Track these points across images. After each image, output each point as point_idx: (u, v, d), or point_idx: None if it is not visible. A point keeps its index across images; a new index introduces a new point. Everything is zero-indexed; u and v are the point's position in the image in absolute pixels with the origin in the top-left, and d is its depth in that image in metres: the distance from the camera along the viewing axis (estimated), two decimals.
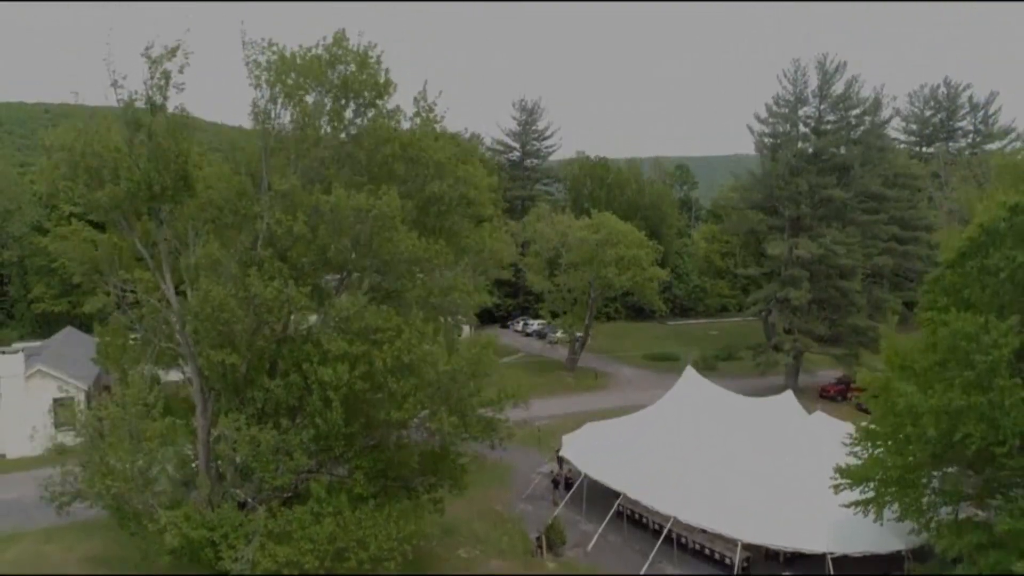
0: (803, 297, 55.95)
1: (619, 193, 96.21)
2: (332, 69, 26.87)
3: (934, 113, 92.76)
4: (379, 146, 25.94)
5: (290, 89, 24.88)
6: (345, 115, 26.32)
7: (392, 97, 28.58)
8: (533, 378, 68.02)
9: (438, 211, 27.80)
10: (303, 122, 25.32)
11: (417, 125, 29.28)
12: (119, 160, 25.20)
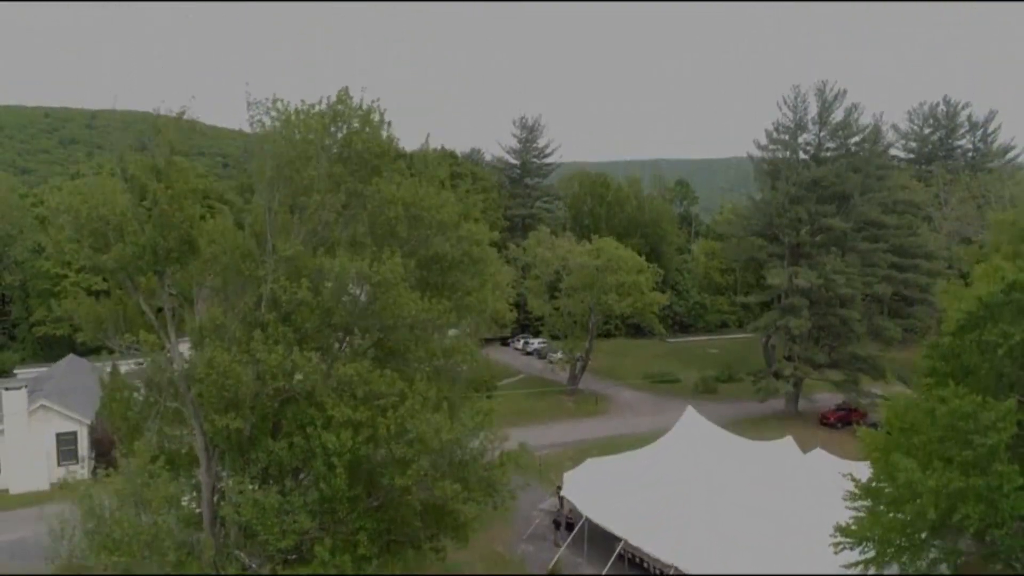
0: (803, 325, 56.15)
1: (619, 210, 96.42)
2: (335, 126, 27.16)
3: (933, 131, 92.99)
4: (382, 208, 26.11)
5: (293, 162, 25.07)
6: (348, 180, 26.48)
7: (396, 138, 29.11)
8: (534, 402, 68.35)
9: (441, 269, 27.98)
10: (307, 186, 25.48)
11: (419, 167, 29.64)
12: (124, 224, 25.37)
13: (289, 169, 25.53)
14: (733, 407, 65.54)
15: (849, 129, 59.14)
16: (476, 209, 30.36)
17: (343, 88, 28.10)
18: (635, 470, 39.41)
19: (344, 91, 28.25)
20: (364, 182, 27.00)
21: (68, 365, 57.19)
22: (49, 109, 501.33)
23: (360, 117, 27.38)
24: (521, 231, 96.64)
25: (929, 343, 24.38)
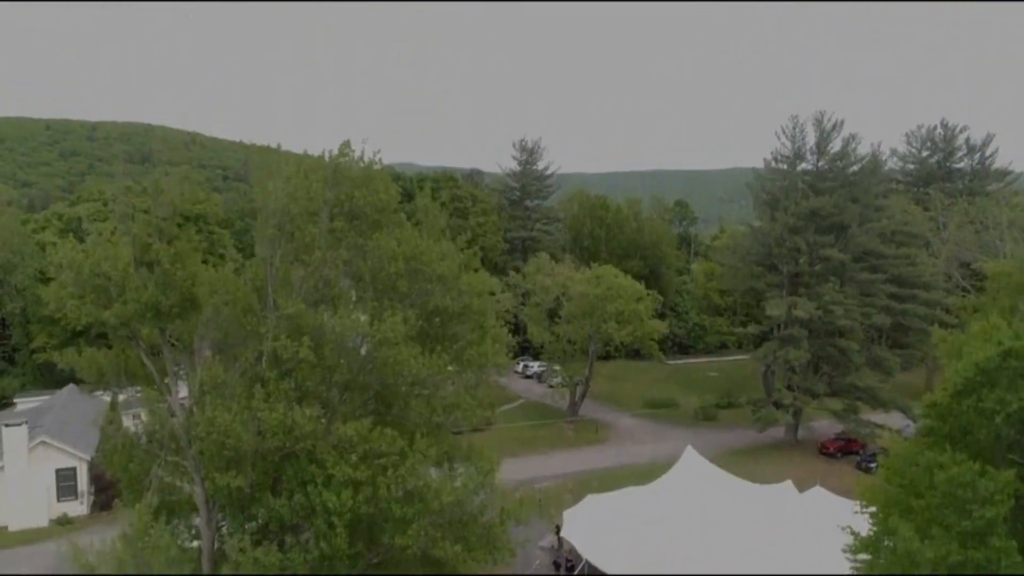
0: (802, 357, 56.25)
1: (618, 232, 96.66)
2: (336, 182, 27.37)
3: (931, 154, 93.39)
4: (383, 263, 26.28)
5: (295, 219, 25.25)
6: (349, 235, 26.67)
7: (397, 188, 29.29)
8: (534, 431, 68.28)
9: (441, 321, 28.13)
10: (308, 244, 25.66)
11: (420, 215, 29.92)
12: (126, 281, 25.53)
13: (291, 226, 25.71)
14: (732, 435, 65.55)
15: (847, 159, 59.42)
16: (476, 259, 30.43)
17: (345, 141, 28.46)
18: (635, 509, 39.39)
19: (346, 144, 28.59)
20: (365, 237, 27.20)
21: (68, 395, 57.14)
22: (51, 121, 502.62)
23: (362, 172, 27.66)
24: (521, 253, 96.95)
25: (926, 401, 24.45)
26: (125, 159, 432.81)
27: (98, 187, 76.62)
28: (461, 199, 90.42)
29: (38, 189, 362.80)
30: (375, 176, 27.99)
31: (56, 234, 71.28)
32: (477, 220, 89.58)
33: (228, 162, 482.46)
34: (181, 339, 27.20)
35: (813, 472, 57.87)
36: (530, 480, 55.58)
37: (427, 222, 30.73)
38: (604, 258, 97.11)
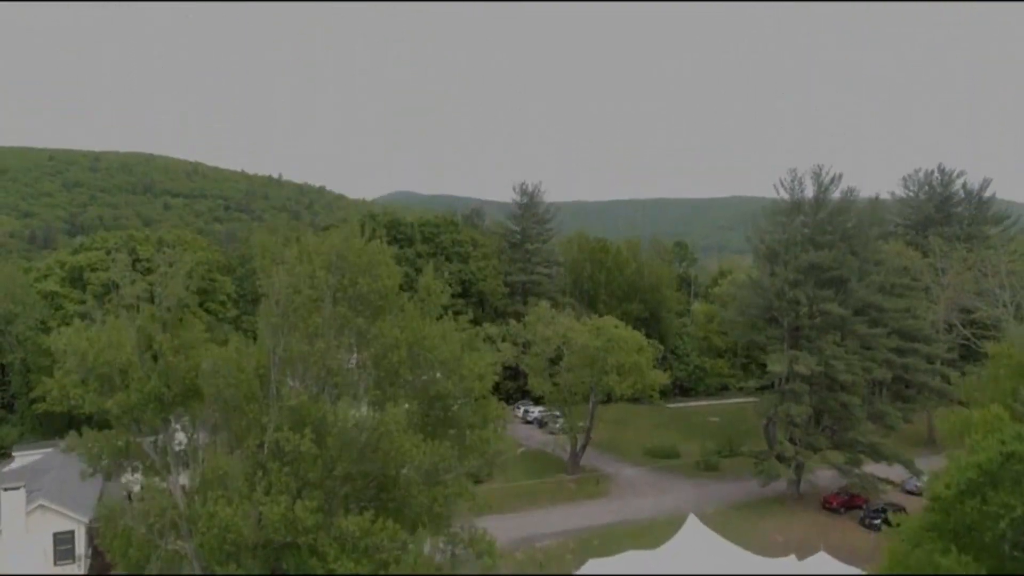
0: (804, 412, 56.15)
1: (618, 275, 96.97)
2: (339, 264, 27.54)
3: (928, 199, 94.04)
4: (386, 351, 26.37)
5: (299, 309, 25.39)
6: (352, 321, 26.80)
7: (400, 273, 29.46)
8: (535, 483, 67.83)
9: (443, 405, 28.15)
10: (312, 333, 25.76)
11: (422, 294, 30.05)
12: (130, 370, 25.63)
13: (295, 316, 25.84)
14: (734, 488, 65.11)
15: (846, 213, 59.81)
16: (478, 339, 30.54)
17: (349, 226, 28.73)
18: None
19: (350, 228, 28.86)
20: (368, 322, 27.32)
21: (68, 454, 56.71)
22: (54, 151, 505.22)
23: (365, 257, 27.88)
24: (521, 296, 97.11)
25: (931, 494, 24.41)
26: (127, 190, 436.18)
27: (101, 236, 76.87)
28: (462, 243, 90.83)
29: (40, 220, 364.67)
30: (377, 260, 28.19)
31: (58, 283, 71.51)
32: (478, 264, 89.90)
33: (229, 192, 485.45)
34: (183, 425, 27.25)
35: (816, 529, 57.51)
36: (531, 537, 55.18)
37: (429, 301, 30.83)
38: (604, 300, 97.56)
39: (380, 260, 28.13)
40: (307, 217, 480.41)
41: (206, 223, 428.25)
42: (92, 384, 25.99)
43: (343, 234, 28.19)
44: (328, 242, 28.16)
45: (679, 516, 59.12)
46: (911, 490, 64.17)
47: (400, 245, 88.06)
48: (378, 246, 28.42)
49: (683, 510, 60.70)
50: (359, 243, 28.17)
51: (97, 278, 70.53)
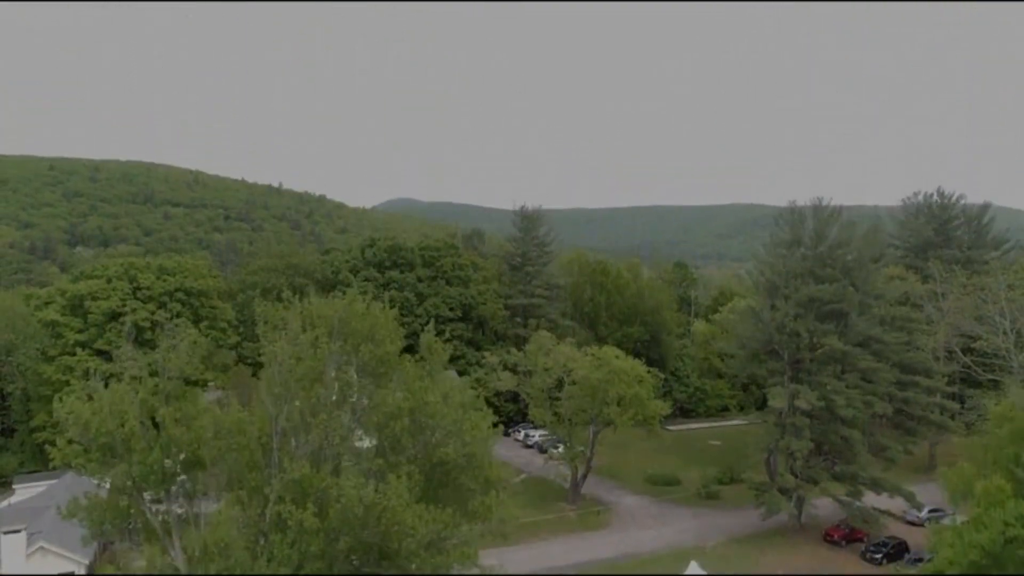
0: (805, 447, 56.17)
1: (619, 298, 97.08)
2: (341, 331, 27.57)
3: (927, 222, 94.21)
4: (388, 421, 26.41)
5: (301, 380, 25.44)
6: (355, 388, 26.86)
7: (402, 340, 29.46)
8: (536, 514, 67.61)
9: (444, 471, 28.17)
10: (315, 404, 25.80)
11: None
12: (132, 441, 25.66)
13: (297, 387, 25.89)
14: (735, 519, 64.90)
15: (847, 247, 59.93)
16: (480, 400, 30.59)
17: (354, 296, 28.81)
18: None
19: (354, 296, 28.94)
20: (370, 387, 27.36)
21: (70, 483, 56.63)
22: (54, 160, 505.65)
23: (367, 323, 27.94)
24: (522, 318, 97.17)
25: (934, 568, 24.44)
26: (127, 200, 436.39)
27: (102, 264, 76.92)
28: (462, 267, 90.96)
29: (39, 231, 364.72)
30: (380, 324, 28.25)
31: (59, 311, 71.50)
32: (478, 288, 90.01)
33: (229, 201, 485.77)
34: (186, 492, 27.25)
35: (818, 563, 57.42)
36: (531, 572, 55.10)
37: (432, 360, 30.89)
38: (605, 322, 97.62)
39: (382, 324, 28.16)
40: (307, 226, 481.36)
41: (206, 233, 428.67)
42: (94, 453, 25.94)
43: (348, 299, 28.23)
44: (331, 306, 28.20)
45: (680, 549, 59.32)
46: (912, 520, 64.17)
47: (401, 270, 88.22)
48: (380, 310, 28.45)
49: (684, 543, 60.83)
50: (361, 308, 28.23)
51: (98, 307, 70.52)
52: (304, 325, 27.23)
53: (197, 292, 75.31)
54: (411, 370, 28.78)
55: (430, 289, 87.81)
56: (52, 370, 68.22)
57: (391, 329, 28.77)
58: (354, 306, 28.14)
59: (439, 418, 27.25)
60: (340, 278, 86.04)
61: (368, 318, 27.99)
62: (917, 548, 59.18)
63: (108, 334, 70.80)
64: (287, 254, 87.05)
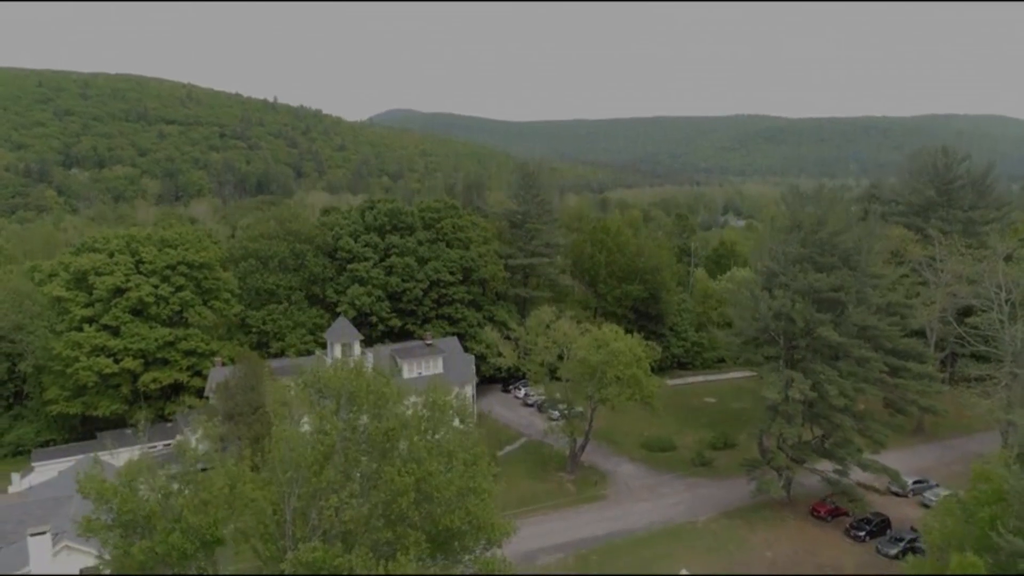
0: (795, 434, 58.07)
1: (619, 256, 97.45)
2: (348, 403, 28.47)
3: (930, 182, 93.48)
4: (395, 498, 27.62)
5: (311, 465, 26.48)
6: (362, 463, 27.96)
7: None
8: (535, 484, 70.37)
9: (449, 534, 29.62)
10: (325, 489, 26.93)
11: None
12: (154, 520, 26.96)
13: (308, 471, 26.97)
14: (726, 491, 67.42)
15: (847, 233, 60.01)
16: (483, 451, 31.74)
17: (359, 364, 29.48)
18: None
19: (360, 363, 29.64)
20: (376, 462, 28.47)
21: (87, 468, 58.74)
22: (42, 73, 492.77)
23: (373, 397, 28.79)
24: (522, 278, 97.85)
25: None
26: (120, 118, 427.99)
27: (102, 235, 77.00)
28: (463, 228, 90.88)
29: (33, 152, 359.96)
30: (384, 396, 29.10)
31: (64, 286, 72.19)
32: (479, 251, 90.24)
33: (224, 118, 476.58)
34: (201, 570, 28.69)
35: (804, 541, 60.22)
36: (532, 553, 57.77)
37: (434, 418, 31.87)
38: (604, 280, 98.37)
39: (387, 395, 29.01)
40: (304, 144, 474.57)
41: (202, 152, 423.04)
42: (117, 529, 27.30)
43: (356, 368, 28.95)
44: (338, 377, 28.97)
45: (674, 526, 62.23)
46: (896, 492, 66.94)
47: (401, 234, 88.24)
48: (384, 382, 29.24)
49: (677, 518, 63.69)
50: (366, 380, 28.99)
51: (102, 283, 71.15)
52: (310, 392, 28.10)
53: (199, 265, 75.73)
54: (416, 439, 29.73)
55: (431, 252, 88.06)
56: (61, 345, 69.53)
57: (395, 395, 29.64)
58: (360, 379, 28.89)
59: (444, 489, 28.47)
60: (341, 244, 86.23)
61: (374, 391, 28.82)
62: (901, 521, 62.06)
63: (114, 310, 71.78)
64: (287, 219, 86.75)
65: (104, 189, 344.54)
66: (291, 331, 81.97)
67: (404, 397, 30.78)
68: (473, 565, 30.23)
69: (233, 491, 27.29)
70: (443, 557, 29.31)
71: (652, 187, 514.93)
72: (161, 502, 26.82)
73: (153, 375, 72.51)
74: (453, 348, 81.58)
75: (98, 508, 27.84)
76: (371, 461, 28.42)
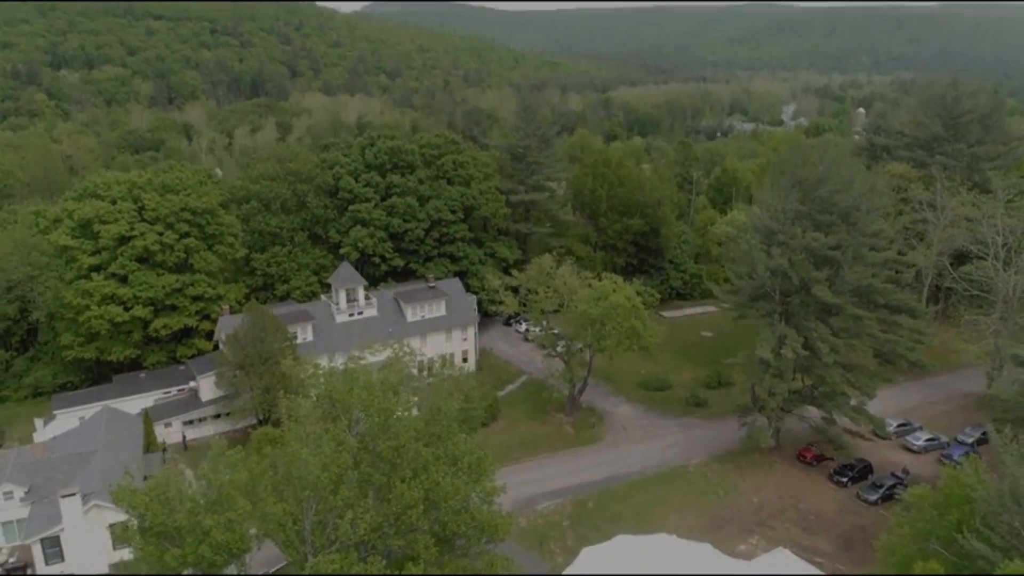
0: (786, 389, 60.38)
1: (620, 190, 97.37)
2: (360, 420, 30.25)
3: (936, 117, 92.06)
4: (405, 510, 29.73)
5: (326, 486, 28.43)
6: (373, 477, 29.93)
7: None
8: (534, 426, 73.39)
9: (453, 535, 32.00)
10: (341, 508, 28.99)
11: None
12: (184, 533, 29.19)
13: (324, 491, 28.93)
14: (718, 434, 70.34)
15: (847, 192, 60.23)
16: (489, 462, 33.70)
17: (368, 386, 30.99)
18: None
19: (368, 382, 31.14)
20: (386, 477, 30.46)
21: (107, 421, 61.33)
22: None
23: (384, 415, 30.48)
24: (523, 213, 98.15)
25: None
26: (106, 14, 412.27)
27: (103, 180, 76.94)
28: (464, 165, 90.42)
29: (20, 52, 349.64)
30: (391, 411, 30.77)
31: (69, 235, 72.88)
32: (479, 188, 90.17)
33: (213, 13, 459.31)
34: None
35: (789, 487, 63.57)
36: (531, 499, 61.14)
37: (437, 422, 33.70)
38: (605, 214, 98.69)
39: (394, 408, 30.65)
40: (298, 40, 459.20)
41: (193, 50, 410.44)
42: (151, 538, 29.53)
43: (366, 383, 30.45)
44: (352, 394, 30.54)
45: (667, 469, 65.54)
46: (878, 435, 70.07)
47: (402, 173, 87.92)
48: (394, 402, 30.79)
49: (671, 461, 66.95)
50: (379, 398, 30.57)
51: (107, 231, 71.83)
52: (327, 428, 29.78)
53: (202, 211, 76.09)
54: (425, 454, 31.49)
55: (431, 190, 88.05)
56: (71, 295, 70.98)
57: (405, 415, 31.31)
58: (373, 399, 30.46)
59: (450, 498, 30.60)
60: (342, 184, 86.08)
61: (385, 409, 30.45)
62: (884, 466, 65.34)
63: (121, 258, 72.79)
64: (287, 158, 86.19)
65: (95, 92, 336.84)
66: (296, 273, 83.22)
67: (408, 408, 32.38)
68: (478, 560, 32.73)
69: (255, 507, 29.41)
70: (448, 552, 31.69)
71: (657, 85, 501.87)
72: (189, 518, 28.85)
73: (163, 321, 74.31)
74: (455, 290, 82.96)
75: (133, 519, 29.92)
76: (381, 474, 30.35)
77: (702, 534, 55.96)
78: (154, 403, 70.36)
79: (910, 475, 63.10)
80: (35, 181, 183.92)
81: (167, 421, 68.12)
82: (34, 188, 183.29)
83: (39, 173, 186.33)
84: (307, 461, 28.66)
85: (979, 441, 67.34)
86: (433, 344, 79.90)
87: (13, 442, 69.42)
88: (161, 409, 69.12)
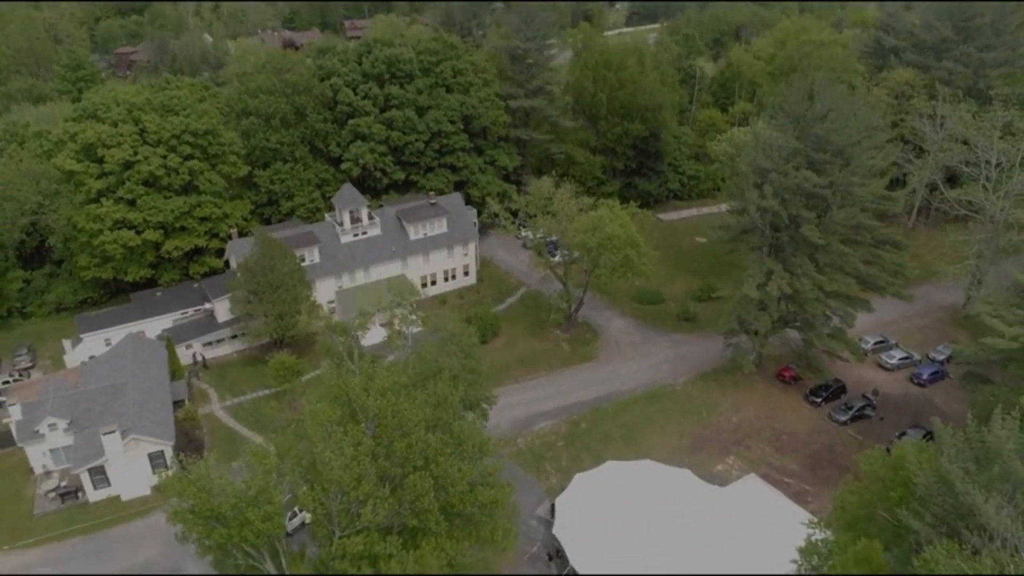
0: (768, 322, 64.07)
1: (621, 93, 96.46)
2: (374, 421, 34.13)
3: (947, 19, 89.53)
4: (418, 499, 34.14)
5: (348, 483, 32.65)
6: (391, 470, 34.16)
7: None
8: (532, 343, 77.65)
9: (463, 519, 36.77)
10: (362, 501, 33.36)
11: None
12: (229, 518, 33.73)
13: (347, 487, 33.18)
14: (705, 352, 74.69)
15: (844, 130, 60.92)
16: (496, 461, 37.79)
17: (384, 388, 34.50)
18: (621, 518, 50.74)
19: (385, 390, 34.66)
20: (400, 469, 34.70)
21: (133, 350, 65.39)
22: None
23: (399, 418, 34.30)
24: (523, 119, 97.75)
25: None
26: None
27: (102, 99, 76.68)
28: (463, 72, 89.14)
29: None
30: (405, 415, 34.59)
31: (74, 159, 73.86)
32: (479, 96, 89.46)
33: None
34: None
35: (768, 407, 68.56)
36: (529, 420, 66.38)
37: (444, 407, 37.58)
38: (606, 118, 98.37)
39: (411, 414, 34.47)
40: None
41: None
42: (199, 523, 34.08)
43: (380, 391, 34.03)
44: (372, 401, 34.23)
45: (655, 388, 70.46)
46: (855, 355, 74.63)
47: (400, 83, 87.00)
48: (410, 407, 34.44)
49: (660, 380, 71.71)
50: (394, 402, 34.26)
51: (111, 156, 72.81)
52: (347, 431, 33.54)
53: (203, 132, 76.52)
54: (433, 442, 35.41)
55: (430, 100, 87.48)
56: (83, 219, 73.11)
57: (418, 413, 35.02)
58: (387, 404, 34.07)
59: (457, 484, 34.96)
60: (340, 96, 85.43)
61: (399, 413, 34.19)
62: (857, 385, 70.17)
63: (128, 183, 74.20)
64: (284, 68, 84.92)
65: None
66: (299, 189, 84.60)
67: (420, 420, 35.93)
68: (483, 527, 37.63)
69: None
70: (456, 521, 36.58)
71: None
72: (233, 509, 33.22)
73: (175, 243, 76.84)
74: (456, 205, 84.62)
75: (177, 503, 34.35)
76: (396, 466, 34.53)
77: (683, 455, 61.84)
78: (173, 324, 74.38)
79: (879, 395, 68.35)
80: (20, 54, 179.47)
81: (188, 343, 72.37)
82: (20, 61, 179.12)
83: (23, 44, 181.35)
84: (331, 463, 32.67)
85: (949, 359, 71.93)
86: (435, 260, 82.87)
87: (46, 362, 74.40)
88: (180, 331, 73.16)
